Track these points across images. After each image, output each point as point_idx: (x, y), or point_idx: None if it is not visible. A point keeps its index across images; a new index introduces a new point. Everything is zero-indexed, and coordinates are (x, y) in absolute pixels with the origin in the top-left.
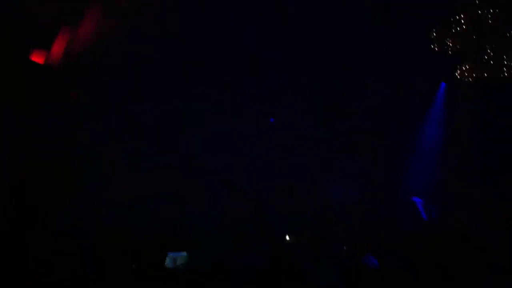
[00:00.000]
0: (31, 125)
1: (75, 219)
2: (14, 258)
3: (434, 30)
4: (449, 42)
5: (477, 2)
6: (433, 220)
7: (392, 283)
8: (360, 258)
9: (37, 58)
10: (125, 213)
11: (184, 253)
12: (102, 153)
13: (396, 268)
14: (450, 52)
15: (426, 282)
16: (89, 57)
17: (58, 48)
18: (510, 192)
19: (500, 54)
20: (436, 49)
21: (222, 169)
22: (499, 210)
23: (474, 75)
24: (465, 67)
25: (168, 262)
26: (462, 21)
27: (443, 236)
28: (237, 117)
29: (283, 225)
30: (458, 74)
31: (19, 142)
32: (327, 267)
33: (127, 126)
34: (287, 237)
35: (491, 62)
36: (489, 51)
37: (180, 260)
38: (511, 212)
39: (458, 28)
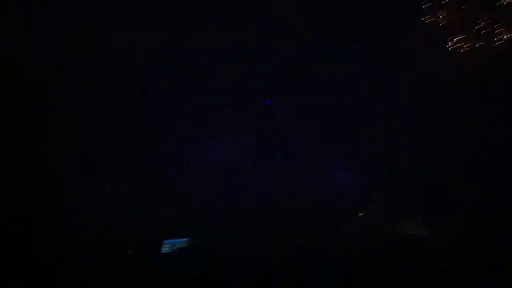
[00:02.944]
0: (31, 125)
1: (74, 219)
2: (14, 258)
3: (424, 1)
4: (440, 13)
5: None
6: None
7: (391, 283)
8: None
9: None
10: (124, 213)
11: (184, 239)
12: (102, 155)
13: (395, 267)
14: (441, 24)
15: (425, 281)
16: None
17: None
18: (510, 192)
19: (492, 23)
20: (427, 21)
21: (220, 166)
22: (498, 211)
23: (466, 46)
24: (457, 39)
25: (167, 247)
26: None
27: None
28: (234, 112)
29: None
30: (450, 46)
31: (18, 142)
32: (326, 266)
33: (125, 126)
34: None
35: (483, 32)
36: (480, 21)
37: (179, 245)
38: (511, 212)
39: None
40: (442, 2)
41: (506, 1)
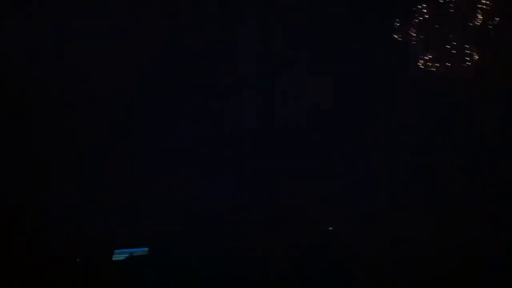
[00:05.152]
0: (30, 125)
1: (72, 219)
2: (13, 258)
3: (397, 19)
4: (412, 32)
5: None
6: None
7: (392, 283)
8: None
9: None
10: (123, 215)
11: (145, 249)
12: (100, 155)
13: (395, 268)
14: (413, 42)
15: (425, 281)
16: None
17: None
18: (509, 192)
19: (462, 45)
20: (400, 38)
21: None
22: (498, 211)
23: (437, 65)
24: (428, 57)
25: (127, 258)
26: (425, 11)
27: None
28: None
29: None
30: (421, 64)
31: (18, 141)
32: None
33: (124, 126)
34: None
35: (453, 52)
36: (451, 41)
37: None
38: (510, 212)
39: (421, 18)
40: (415, 21)
41: (477, 23)
